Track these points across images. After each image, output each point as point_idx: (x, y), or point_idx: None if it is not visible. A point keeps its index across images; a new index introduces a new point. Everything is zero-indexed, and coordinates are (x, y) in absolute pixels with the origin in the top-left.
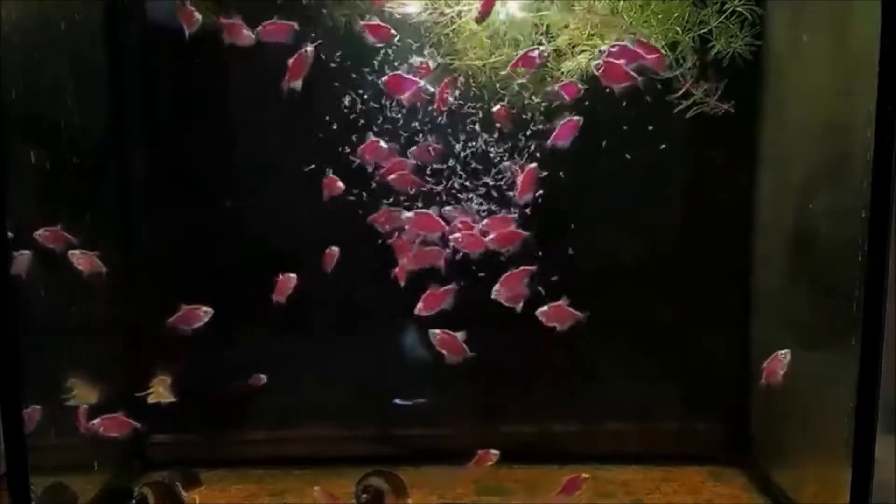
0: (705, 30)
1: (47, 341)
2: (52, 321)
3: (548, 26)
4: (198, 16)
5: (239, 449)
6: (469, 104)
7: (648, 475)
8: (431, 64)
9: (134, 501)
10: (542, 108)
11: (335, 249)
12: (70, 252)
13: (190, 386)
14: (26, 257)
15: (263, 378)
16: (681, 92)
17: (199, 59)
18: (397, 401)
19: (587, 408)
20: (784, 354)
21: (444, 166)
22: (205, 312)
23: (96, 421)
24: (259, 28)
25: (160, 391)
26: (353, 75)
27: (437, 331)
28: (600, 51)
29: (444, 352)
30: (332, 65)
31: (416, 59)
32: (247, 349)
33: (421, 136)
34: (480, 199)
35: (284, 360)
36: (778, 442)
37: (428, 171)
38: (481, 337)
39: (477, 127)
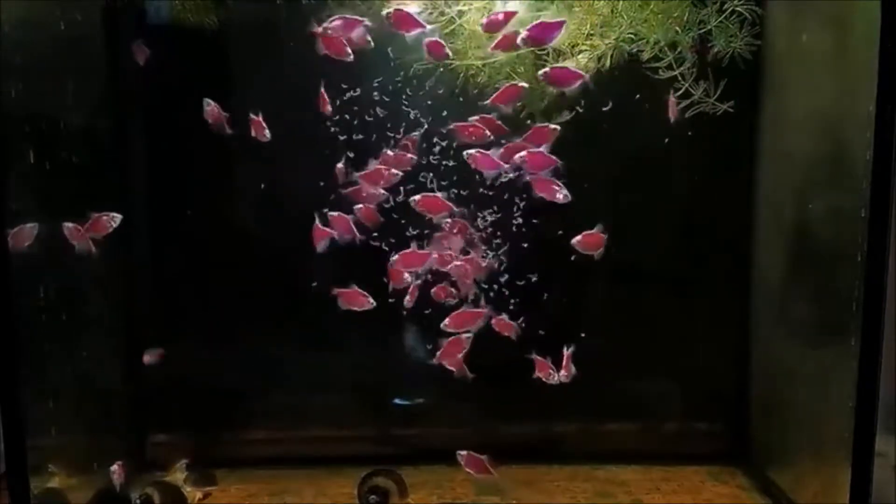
0: (705, 29)
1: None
2: (52, 321)
3: None
4: None
5: (239, 449)
6: None
7: (648, 475)
8: None
9: (139, 501)
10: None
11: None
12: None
13: (189, 385)
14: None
15: None
16: (680, 91)
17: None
18: (397, 401)
19: (587, 407)
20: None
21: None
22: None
23: (114, 468)
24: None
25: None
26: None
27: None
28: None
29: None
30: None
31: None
32: (246, 349)
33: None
34: None
35: (283, 360)
36: (778, 442)
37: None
38: (482, 337)
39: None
